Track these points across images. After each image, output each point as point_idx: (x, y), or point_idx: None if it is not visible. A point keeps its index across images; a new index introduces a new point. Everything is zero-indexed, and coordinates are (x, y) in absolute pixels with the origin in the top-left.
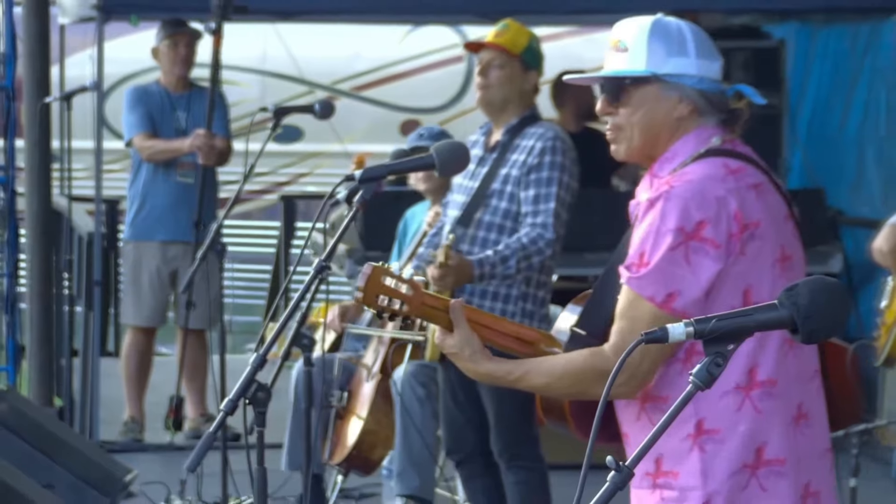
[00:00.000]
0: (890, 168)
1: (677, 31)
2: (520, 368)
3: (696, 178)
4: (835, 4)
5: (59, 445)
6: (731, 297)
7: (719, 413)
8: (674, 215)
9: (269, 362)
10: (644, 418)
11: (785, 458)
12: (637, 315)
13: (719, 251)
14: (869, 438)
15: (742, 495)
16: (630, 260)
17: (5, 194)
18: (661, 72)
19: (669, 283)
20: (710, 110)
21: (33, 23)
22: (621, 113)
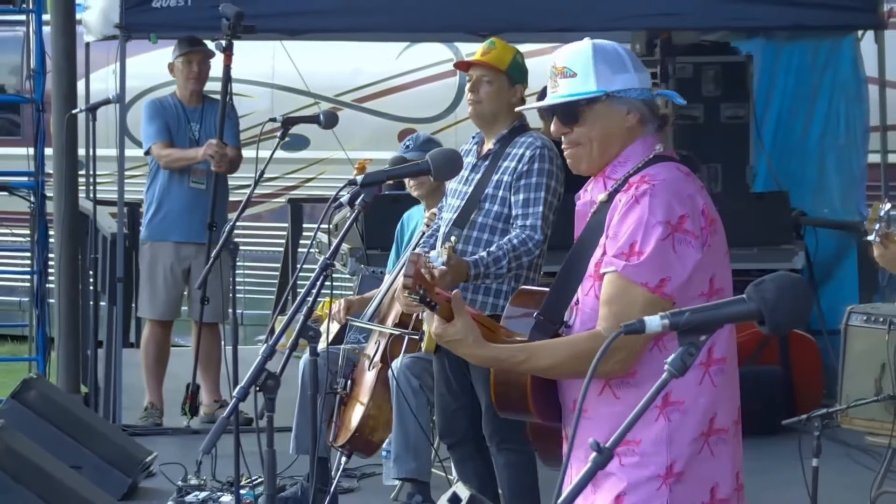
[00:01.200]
0: (848, 174)
1: (614, 51)
2: (524, 352)
3: (669, 178)
4: (798, 23)
5: (84, 429)
6: (702, 284)
7: (685, 386)
8: (661, 210)
9: (277, 353)
10: (608, 392)
11: (728, 427)
12: (631, 299)
13: (698, 241)
14: (829, 421)
15: (696, 459)
16: (619, 250)
17: (35, 198)
18: (611, 89)
19: (662, 270)
20: (652, 118)
21: (61, 41)
22: (577, 131)
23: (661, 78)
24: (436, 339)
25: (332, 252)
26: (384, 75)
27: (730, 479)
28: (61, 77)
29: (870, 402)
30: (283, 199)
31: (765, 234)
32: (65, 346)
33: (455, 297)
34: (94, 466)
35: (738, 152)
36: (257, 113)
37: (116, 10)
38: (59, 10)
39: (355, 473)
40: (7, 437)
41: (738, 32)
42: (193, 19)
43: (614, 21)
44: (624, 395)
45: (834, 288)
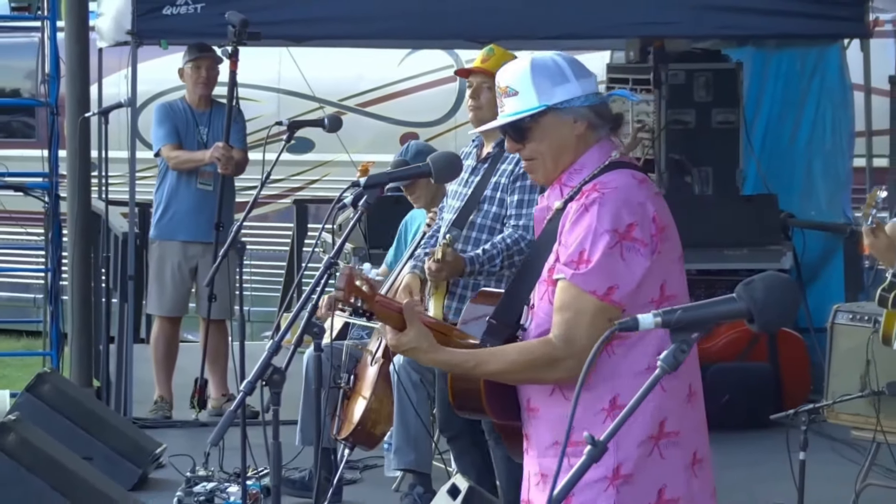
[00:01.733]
0: (834, 177)
1: (553, 63)
2: (476, 357)
3: (620, 186)
4: (786, 32)
5: (96, 422)
6: (652, 290)
7: (632, 390)
8: (608, 218)
9: (283, 348)
10: (558, 394)
11: (679, 430)
12: (581, 307)
13: (647, 249)
14: (816, 416)
15: (646, 462)
16: (570, 258)
17: (49, 198)
18: (553, 102)
19: (610, 278)
20: (601, 122)
21: (74, 47)
22: (528, 147)
23: (654, 84)
24: (392, 349)
25: (336, 251)
26: (386, 81)
27: (681, 480)
28: (75, 81)
29: (855, 398)
30: (289, 199)
31: (754, 235)
32: (78, 342)
33: (406, 307)
34: (105, 458)
35: (729, 156)
36: (264, 117)
37: (128, 16)
38: (72, 16)
39: (358, 465)
40: (22, 429)
41: (728, 41)
42: (202, 26)
43: (609, 29)
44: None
45: (820, 287)
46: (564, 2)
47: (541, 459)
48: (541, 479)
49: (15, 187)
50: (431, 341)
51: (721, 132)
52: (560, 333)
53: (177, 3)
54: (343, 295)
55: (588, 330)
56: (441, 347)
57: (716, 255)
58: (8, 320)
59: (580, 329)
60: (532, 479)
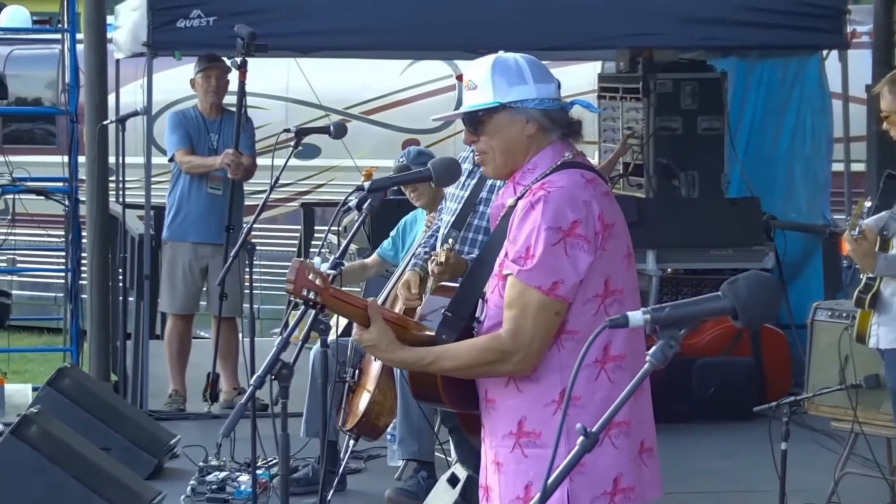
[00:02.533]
0: (814, 181)
1: (515, 64)
2: (430, 355)
3: (565, 185)
4: (768, 43)
5: (114, 414)
6: (596, 285)
7: (580, 383)
8: (552, 216)
9: (291, 344)
10: (512, 386)
11: (629, 420)
12: (527, 302)
13: (590, 246)
14: (797, 408)
15: (597, 452)
16: (517, 254)
17: (69, 202)
18: (506, 100)
19: (554, 274)
20: (552, 126)
21: (93, 58)
22: (482, 140)
23: (643, 92)
24: (356, 343)
25: (342, 252)
26: (389, 90)
27: (632, 468)
28: (93, 91)
29: (834, 391)
30: (297, 203)
31: (738, 236)
32: (96, 338)
33: (371, 305)
34: (122, 448)
35: (714, 161)
36: (273, 124)
37: (144, 29)
38: (91, 29)
39: (362, 455)
40: (43, 422)
41: (713, 51)
42: (214, 38)
43: (600, 41)
44: (525, 389)
45: (801, 286)
46: (558, 15)
47: (497, 449)
48: (497, 468)
49: (37, 191)
50: (390, 340)
51: (706, 138)
52: (509, 328)
53: (190, 16)
54: (294, 288)
55: (534, 324)
56: (399, 346)
57: (702, 255)
58: (30, 318)
59: (527, 324)
60: (489, 467)
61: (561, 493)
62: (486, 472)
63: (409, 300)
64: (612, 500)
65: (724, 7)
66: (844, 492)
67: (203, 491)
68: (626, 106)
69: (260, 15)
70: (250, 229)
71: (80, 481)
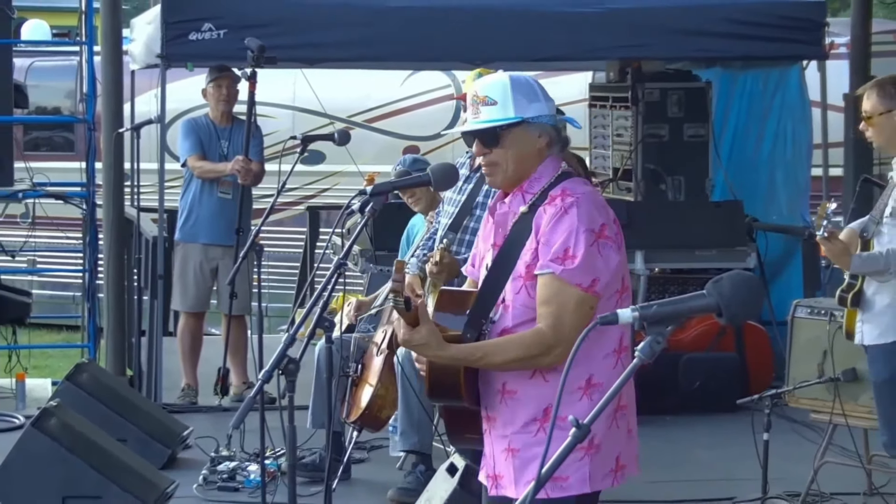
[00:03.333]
0: (794, 185)
1: (527, 82)
2: (479, 351)
3: (586, 192)
4: (750, 54)
5: (130, 407)
6: (617, 282)
7: (603, 370)
8: (587, 219)
9: (297, 341)
10: (538, 376)
11: (628, 404)
12: (565, 298)
13: (616, 245)
14: (778, 401)
15: (609, 432)
16: (555, 255)
17: (87, 206)
18: (527, 116)
19: (592, 272)
20: (558, 139)
21: (109, 69)
22: (496, 152)
23: (632, 101)
24: (403, 344)
25: (345, 253)
26: (391, 99)
27: (626, 447)
28: (110, 100)
29: (813, 384)
30: (303, 206)
31: (722, 237)
32: (112, 335)
33: (420, 307)
34: (138, 439)
35: (699, 166)
36: (280, 132)
37: (158, 41)
38: (108, 41)
39: (365, 446)
40: (63, 415)
41: (698, 62)
42: (225, 50)
43: (591, 52)
44: (552, 379)
45: (782, 284)
46: (551, 28)
47: (514, 437)
48: (510, 455)
49: (56, 196)
50: (439, 339)
51: (692, 145)
52: (550, 323)
53: (202, 29)
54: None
55: (573, 318)
56: (447, 344)
57: (687, 255)
58: (50, 316)
59: (567, 318)
60: (499, 456)
61: (583, 471)
62: (495, 462)
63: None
64: (614, 477)
65: (709, 20)
66: (823, 480)
67: (214, 480)
68: (616, 114)
69: (268, 28)
70: (258, 231)
71: (97, 470)
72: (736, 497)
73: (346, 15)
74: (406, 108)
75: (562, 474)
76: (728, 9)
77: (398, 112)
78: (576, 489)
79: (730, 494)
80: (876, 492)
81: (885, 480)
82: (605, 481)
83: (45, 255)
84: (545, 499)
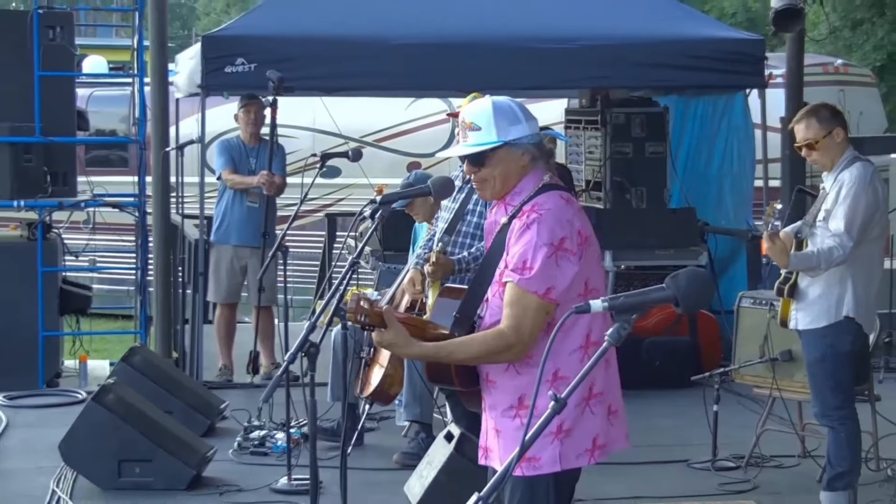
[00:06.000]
0: (739, 194)
1: (508, 106)
2: (446, 349)
3: (552, 208)
4: (702, 83)
5: (175, 384)
6: (578, 287)
7: (570, 365)
8: (546, 234)
9: (318, 328)
10: (511, 369)
11: (602, 391)
12: (525, 304)
13: (575, 257)
14: (726, 378)
15: (581, 418)
16: (515, 265)
17: (139, 213)
18: (509, 139)
19: (547, 281)
20: (540, 155)
21: (157, 97)
22: (483, 171)
23: (601, 124)
24: (376, 344)
25: (358, 253)
26: (397, 122)
27: (607, 427)
28: (158, 124)
29: (755, 364)
30: (322, 213)
31: (678, 239)
32: (160, 323)
33: (386, 312)
34: (182, 411)
35: (658, 179)
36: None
37: (199, 74)
38: (156, 74)
39: (376, 417)
40: (118, 390)
41: (657, 90)
42: (256, 80)
43: (567, 82)
44: (524, 372)
45: (729, 279)
46: (533, 61)
47: (498, 419)
48: (496, 434)
49: (112, 205)
50: (406, 338)
51: (652, 160)
52: (510, 325)
53: (235, 63)
54: (350, 315)
55: (531, 322)
56: (413, 342)
57: (649, 254)
58: (108, 307)
59: (526, 321)
60: (490, 433)
61: (553, 453)
62: (487, 436)
63: (415, 294)
64: (591, 455)
65: (667, 55)
66: (764, 444)
67: (247, 446)
68: (588, 135)
69: (291, 62)
70: (284, 235)
71: (147, 438)
72: (690, 459)
73: (356, 51)
74: (409, 129)
75: (535, 455)
76: (683, 45)
77: (402, 133)
78: (547, 468)
79: (685, 457)
80: (808, 455)
81: (816, 445)
82: (580, 460)
83: (103, 255)
84: (521, 476)
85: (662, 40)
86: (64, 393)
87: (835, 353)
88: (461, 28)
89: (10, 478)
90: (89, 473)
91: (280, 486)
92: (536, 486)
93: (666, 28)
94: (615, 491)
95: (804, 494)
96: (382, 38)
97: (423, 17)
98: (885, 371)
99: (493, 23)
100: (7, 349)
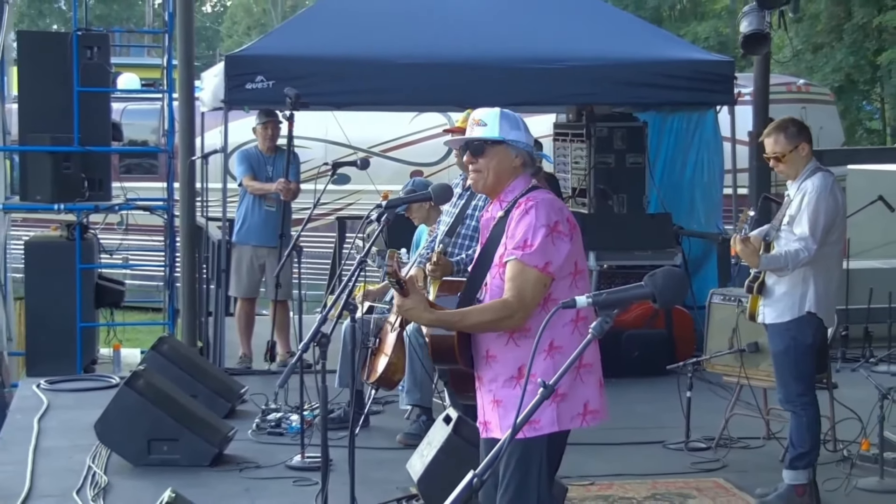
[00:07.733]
0: (710, 202)
1: (514, 116)
2: (459, 314)
3: (546, 198)
4: (676, 101)
5: (200, 370)
6: (570, 266)
7: (563, 336)
8: (543, 217)
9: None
10: (511, 342)
11: (592, 362)
12: (526, 277)
13: (567, 238)
14: (698, 367)
15: (574, 385)
16: (517, 244)
17: (167, 216)
18: (508, 138)
19: (546, 256)
20: (530, 163)
21: (185, 110)
22: (481, 162)
23: (586, 136)
24: (397, 308)
25: (365, 252)
26: (401, 133)
27: (597, 396)
28: (185, 135)
29: (724, 354)
30: (333, 217)
31: (655, 241)
32: (187, 315)
33: (409, 280)
34: (205, 396)
35: (638, 186)
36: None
37: (222, 90)
38: (183, 90)
39: (381, 401)
40: (148, 376)
41: (637, 107)
42: (274, 96)
43: (556, 98)
44: (522, 344)
45: (701, 277)
46: (524, 79)
47: (498, 391)
48: (495, 405)
49: (144, 208)
50: (425, 305)
51: (632, 170)
52: (513, 294)
53: (255, 80)
54: (391, 273)
55: (532, 291)
56: (430, 309)
57: (629, 255)
58: (139, 300)
59: (527, 291)
60: (487, 406)
61: (552, 415)
62: (485, 411)
63: None
64: (583, 419)
65: (645, 74)
66: (732, 427)
67: (265, 427)
68: (574, 146)
69: (306, 80)
70: (299, 236)
71: (174, 419)
72: (665, 440)
73: (365, 70)
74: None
75: (535, 418)
76: (660, 66)
77: (407, 144)
78: (547, 429)
79: (661, 438)
80: (773, 437)
81: (779, 428)
82: (574, 422)
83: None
84: (523, 438)
85: (642, 61)
86: (99, 378)
87: (797, 345)
88: (460, 50)
89: (50, 454)
90: (122, 451)
91: (294, 464)
92: (532, 448)
93: (645, 50)
94: (597, 469)
95: (768, 472)
96: (388, 58)
97: (425, 39)
98: (842, 361)
99: (489, 45)
100: (48, 338)
